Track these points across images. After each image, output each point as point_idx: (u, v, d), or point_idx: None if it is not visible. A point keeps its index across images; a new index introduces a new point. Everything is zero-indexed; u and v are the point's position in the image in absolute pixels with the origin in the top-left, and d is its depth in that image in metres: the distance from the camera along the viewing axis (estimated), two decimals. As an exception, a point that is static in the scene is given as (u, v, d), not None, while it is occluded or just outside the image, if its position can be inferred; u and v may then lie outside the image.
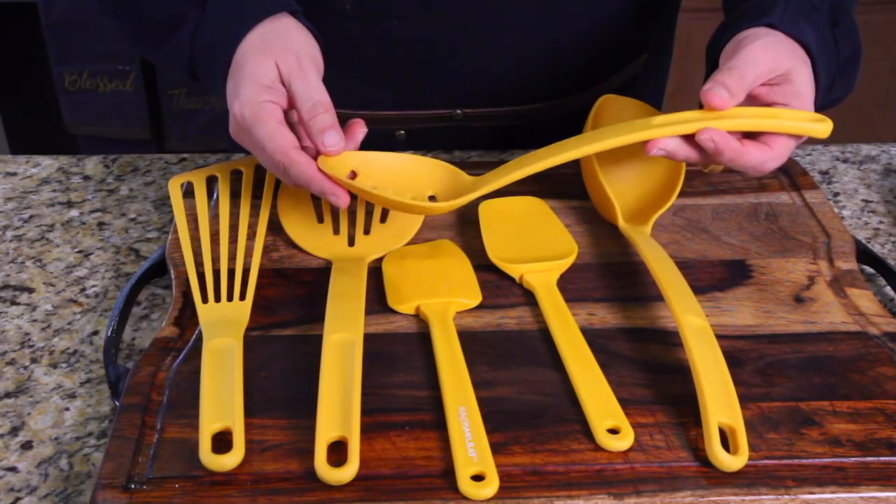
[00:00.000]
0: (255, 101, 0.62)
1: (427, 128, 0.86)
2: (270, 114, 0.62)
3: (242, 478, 0.50)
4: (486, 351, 0.59)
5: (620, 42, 0.86)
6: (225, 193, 0.71)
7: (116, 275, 0.70)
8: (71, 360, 0.62)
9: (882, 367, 0.58)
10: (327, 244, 0.68)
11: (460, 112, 0.85)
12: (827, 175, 0.83)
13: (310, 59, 0.65)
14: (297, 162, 0.62)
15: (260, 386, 0.56)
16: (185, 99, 1.85)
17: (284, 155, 0.62)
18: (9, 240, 0.74)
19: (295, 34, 0.66)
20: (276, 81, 0.63)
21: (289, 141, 0.62)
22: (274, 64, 0.63)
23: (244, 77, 0.63)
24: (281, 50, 0.64)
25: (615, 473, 0.50)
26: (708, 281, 0.65)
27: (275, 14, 0.66)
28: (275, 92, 0.63)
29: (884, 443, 0.53)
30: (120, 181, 0.82)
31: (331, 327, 0.58)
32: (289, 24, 0.66)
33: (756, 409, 0.54)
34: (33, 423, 0.57)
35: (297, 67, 0.63)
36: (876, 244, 0.74)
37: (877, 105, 1.98)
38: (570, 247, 0.68)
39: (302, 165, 0.62)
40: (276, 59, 0.63)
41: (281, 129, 0.62)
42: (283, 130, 0.62)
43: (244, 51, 0.64)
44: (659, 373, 0.57)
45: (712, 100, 0.62)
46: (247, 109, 0.62)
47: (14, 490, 0.53)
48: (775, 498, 0.49)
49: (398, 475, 0.50)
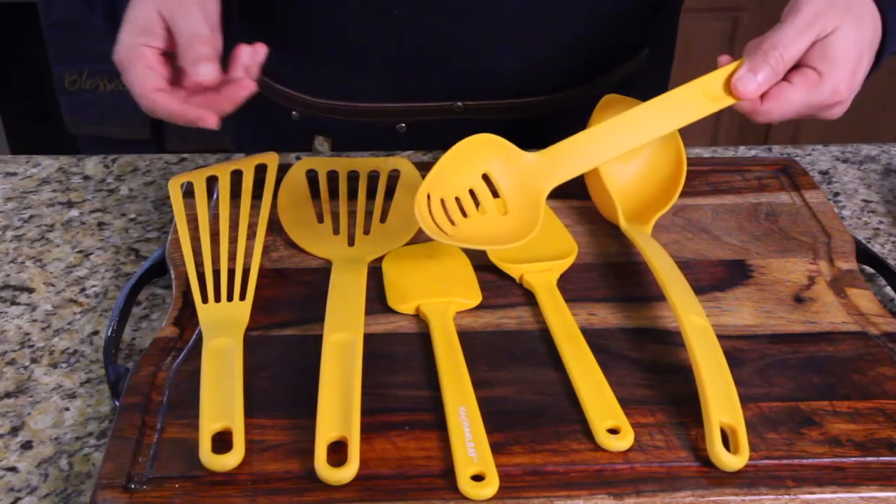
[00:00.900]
0: (128, 44, 0.63)
1: (428, 120, 0.86)
2: (140, 56, 0.63)
3: (242, 478, 0.50)
4: (485, 351, 0.59)
5: (621, 36, 0.86)
6: (225, 193, 0.71)
7: (116, 275, 0.70)
8: (71, 360, 0.62)
9: (882, 367, 0.58)
10: (327, 244, 0.68)
11: (461, 105, 0.85)
12: (827, 175, 0.83)
13: (194, 1, 0.64)
14: (158, 103, 0.63)
15: (260, 386, 0.56)
16: (185, 99, 1.85)
17: (147, 98, 0.63)
18: (9, 240, 0.74)
19: None
20: (153, 24, 0.64)
21: (150, 83, 0.63)
22: (154, 7, 0.64)
23: (125, 23, 0.64)
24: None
25: (615, 473, 0.50)
26: (708, 281, 0.65)
27: None
28: (151, 35, 0.63)
29: (884, 443, 0.53)
30: (120, 181, 0.82)
31: (331, 327, 0.58)
32: None
33: (756, 409, 0.55)
34: (33, 423, 0.57)
35: (178, 6, 0.64)
36: (876, 244, 0.74)
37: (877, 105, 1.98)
38: (570, 247, 0.68)
39: (162, 105, 0.62)
40: (156, 3, 0.64)
41: (146, 71, 0.63)
42: (148, 73, 0.63)
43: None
44: (659, 373, 0.57)
45: (743, 91, 0.63)
46: (122, 54, 0.64)
47: (14, 490, 0.53)
48: (775, 498, 0.49)
49: (398, 475, 0.50)
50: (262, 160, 0.75)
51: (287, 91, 0.89)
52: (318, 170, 0.75)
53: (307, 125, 0.89)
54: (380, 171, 0.75)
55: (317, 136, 0.90)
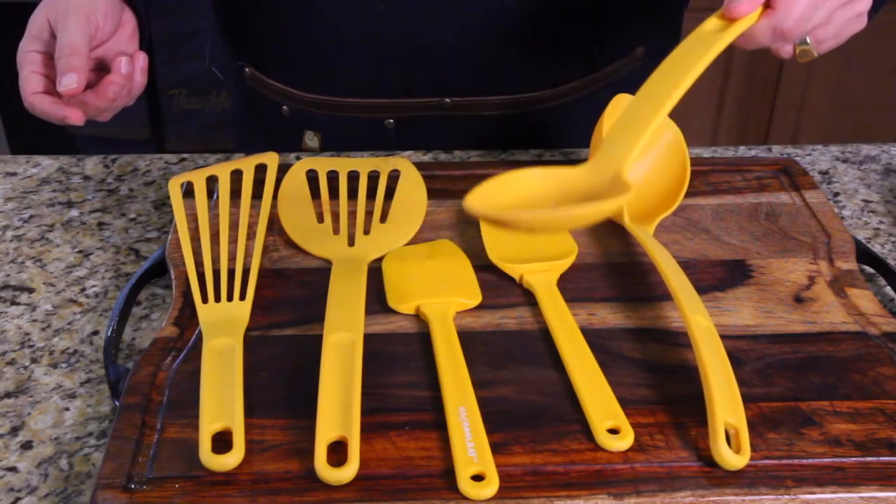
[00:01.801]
0: (22, 50, 0.70)
1: (416, 117, 0.86)
2: (29, 61, 0.69)
3: (242, 478, 0.50)
4: (486, 351, 0.59)
5: (610, 34, 0.86)
6: (225, 193, 0.71)
7: (116, 275, 0.70)
8: (71, 360, 0.62)
9: (882, 367, 0.58)
10: (327, 244, 0.68)
11: (449, 101, 0.85)
12: (827, 175, 0.83)
13: (79, 11, 0.69)
14: (35, 105, 0.68)
15: (260, 386, 0.56)
16: (185, 99, 1.85)
17: (26, 100, 0.68)
18: (9, 240, 0.74)
19: None
20: (42, 31, 0.69)
21: (30, 87, 0.68)
22: (44, 15, 0.70)
23: (27, 29, 0.71)
24: (54, 4, 0.70)
25: (615, 473, 0.50)
26: (708, 281, 0.65)
27: None
28: (39, 41, 0.69)
29: (884, 443, 0.53)
30: (120, 181, 0.82)
31: (331, 327, 0.58)
32: None
33: (756, 409, 0.54)
34: (33, 423, 0.57)
35: (62, 17, 0.69)
36: (876, 244, 0.74)
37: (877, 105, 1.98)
38: (570, 247, 0.68)
39: (38, 106, 0.68)
40: (46, 12, 0.70)
41: (30, 75, 0.68)
42: (31, 77, 0.68)
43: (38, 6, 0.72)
44: (659, 373, 0.57)
45: (735, 10, 0.61)
46: (18, 58, 0.70)
47: (14, 490, 0.53)
48: (775, 498, 0.49)
49: (398, 475, 0.50)
50: (262, 160, 0.75)
51: (275, 84, 0.89)
52: (318, 170, 0.75)
53: (297, 120, 0.90)
54: (380, 172, 0.75)
55: (307, 131, 0.90)
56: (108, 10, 0.71)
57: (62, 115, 0.68)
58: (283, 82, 0.89)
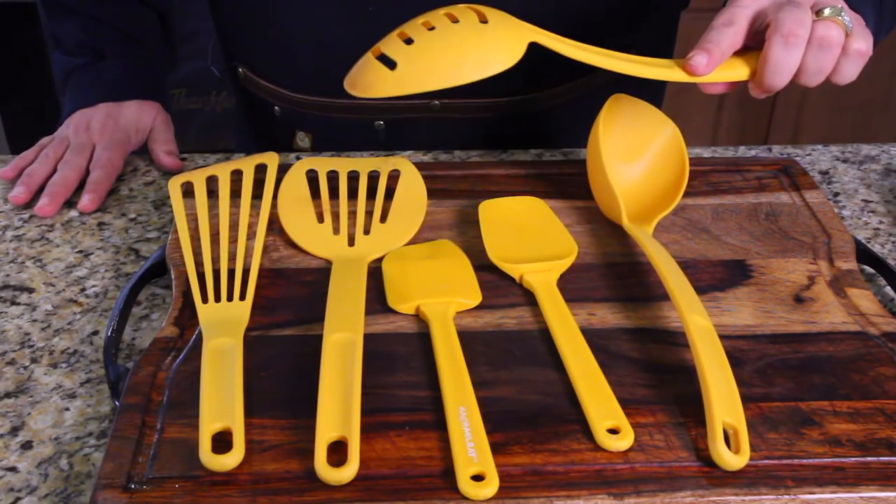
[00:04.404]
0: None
1: (406, 118, 0.86)
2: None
3: (242, 478, 0.50)
4: (486, 351, 0.59)
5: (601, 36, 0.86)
6: (225, 193, 0.71)
7: (116, 275, 0.70)
8: (71, 360, 0.62)
9: (882, 367, 0.58)
10: (327, 244, 0.68)
11: (438, 103, 0.85)
12: (827, 175, 0.83)
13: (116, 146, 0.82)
14: None
15: (260, 386, 0.56)
16: (185, 99, 1.85)
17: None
18: (9, 240, 0.74)
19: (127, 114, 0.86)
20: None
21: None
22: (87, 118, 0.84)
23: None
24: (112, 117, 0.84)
25: (615, 473, 0.50)
26: (708, 281, 0.65)
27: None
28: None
29: (884, 443, 0.53)
30: (120, 181, 0.82)
31: (331, 327, 0.58)
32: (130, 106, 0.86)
33: (756, 409, 0.54)
34: (33, 423, 0.57)
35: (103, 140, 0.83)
36: (876, 244, 0.74)
37: (877, 105, 1.98)
38: (570, 247, 0.68)
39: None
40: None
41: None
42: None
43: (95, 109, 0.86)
44: (659, 373, 0.57)
45: (693, 69, 0.65)
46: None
47: (14, 490, 0.53)
48: (775, 498, 0.49)
49: (398, 475, 0.50)
50: (262, 160, 0.75)
51: (267, 84, 0.89)
52: (318, 170, 0.75)
53: (288, 120, 0.90)
54: (380, 171, 0.75)
55: (298, 131, 0.90)
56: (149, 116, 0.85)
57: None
58: (274, 82, 0.89)
